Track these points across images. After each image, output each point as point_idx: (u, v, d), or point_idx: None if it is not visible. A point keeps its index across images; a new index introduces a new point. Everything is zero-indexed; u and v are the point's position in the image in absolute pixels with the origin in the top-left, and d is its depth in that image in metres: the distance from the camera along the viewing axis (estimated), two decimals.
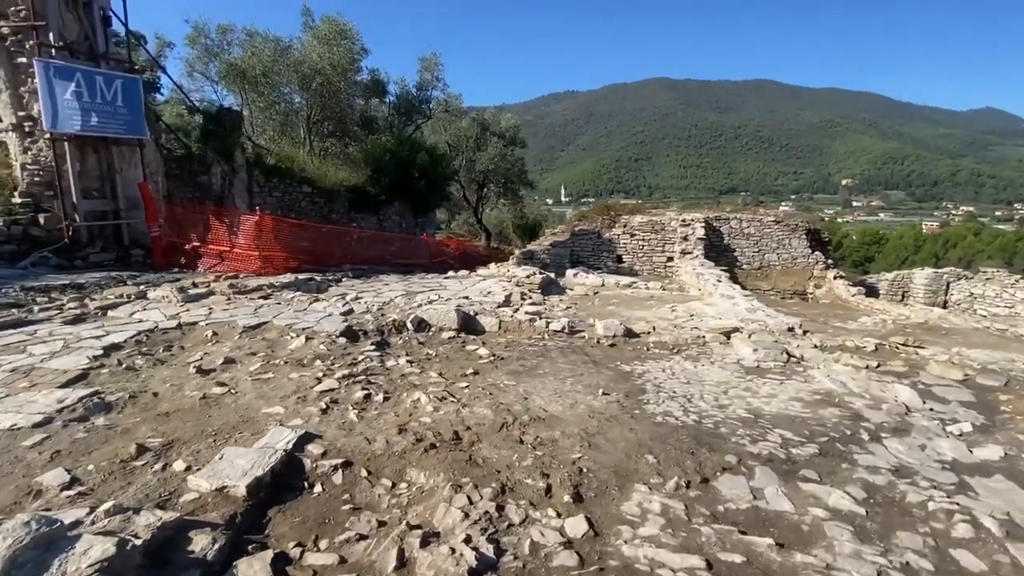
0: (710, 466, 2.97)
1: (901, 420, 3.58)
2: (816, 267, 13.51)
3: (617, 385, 4.20)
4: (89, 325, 4.90)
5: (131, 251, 8.77)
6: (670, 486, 2.74)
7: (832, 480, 2.82)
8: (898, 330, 8.25)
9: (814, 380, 4.36)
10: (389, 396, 3.70)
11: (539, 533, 2.34)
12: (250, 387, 3.73)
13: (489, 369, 4.53)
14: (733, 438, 3.28)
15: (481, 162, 26.77)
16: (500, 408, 3.58)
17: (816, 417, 3.63)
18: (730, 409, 3.74)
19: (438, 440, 3.06)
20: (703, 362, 4.89)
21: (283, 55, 14.34)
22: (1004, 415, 3.93)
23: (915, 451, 3.16)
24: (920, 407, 3.97)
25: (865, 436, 3.36)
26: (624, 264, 14.15)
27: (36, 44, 7.33)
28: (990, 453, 3.18)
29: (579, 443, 3.16)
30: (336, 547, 2.23)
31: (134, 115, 8.63)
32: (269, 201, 12.19)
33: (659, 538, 2.31)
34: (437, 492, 2.59)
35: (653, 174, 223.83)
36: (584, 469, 2.87)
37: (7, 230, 7.46)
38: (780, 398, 3.97)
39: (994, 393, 4.37)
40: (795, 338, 5.89)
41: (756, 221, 13.63)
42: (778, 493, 2.69)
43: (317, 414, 3.34)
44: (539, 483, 2.69)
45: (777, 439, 3.28)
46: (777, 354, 4.84)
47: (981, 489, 2.75)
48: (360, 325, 5.27)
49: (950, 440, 3.27)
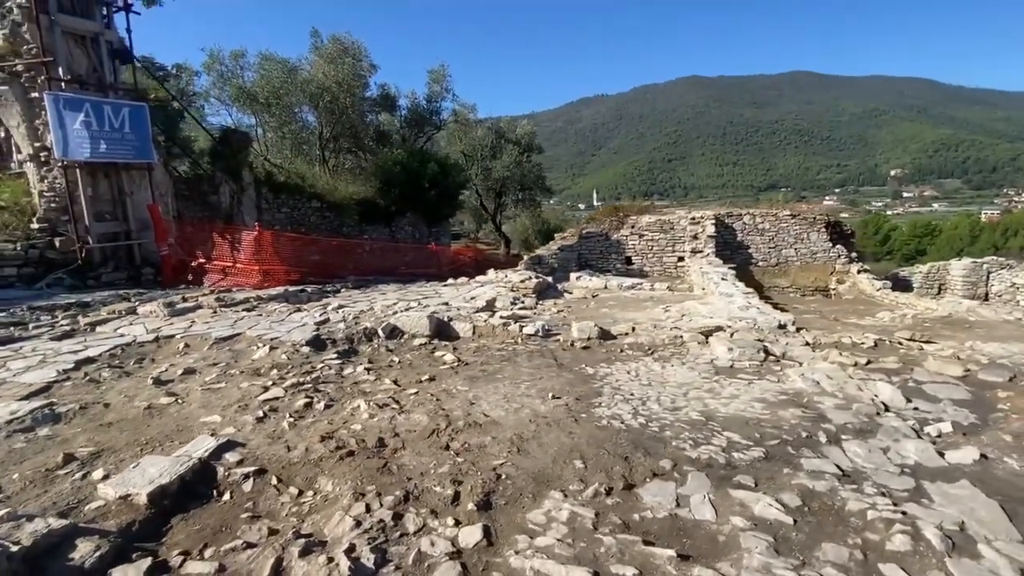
0: (640, 472, 2.80)
1: (869, 421, 3.29)
2: (838, 261, 12.80)
3: (573, 388, 4.04)
4: (73, 341, 5.12)
5: (142, 270, 9.20)
6: (589, 493, 2.59)
7: (768, 486, 2.60)
8: (916, 325, 7.69)
9: (787, 380, 4.08)
10: (331, 404, 3.68)
11: (430, 543, 2.24)
12: (198, 397, 3.78)
13: (448, 375, 4.46)
14: (675, 442, 3.09)
15: (497, 170, 26.90)
16: (438, 414, 3.50)
17: (774, 419, 3.38)
18: (683, 411, 3.53)
19: (360, 447, 3.00)
20: (674, 363, 4.66)
21: (291, 76, 14.90)
22: (998, 413, 3.57)
23: (875, 454, 2.88)
24: (902, 406, 3.65)
25: (823, 438, 3.09)
26: (633, 266, 13.83)
27: (46, 79, 7.85)
28: (964, 456, 2.87)
29: (508, 449, 3.04)
30: (220, 555, 2.20)
31: (142, 141, 9.09)
32: (278, 217, 12.59)
33: (553, 549, 2.17)
34: (339, 500, 2.53)
35: (688, 174, 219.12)
36: (503, 476, 2.76)
37: (24, 254, 7.96)
38: (742, 399, 3.72)
39: (994, 390, 3.97)
40: (785, 336, 5.56)
41: (771, 216, 13.06)
42: (704, 501, 2.50)
43: (252, 422, 3.35)
44: (447, 491, 2.59)
45: (722, 443, 3.07)
46: (753, 353, 4.56)
47: (938, 496, 2.48)
48: (330, 334, 5.30)
49: (919, 442, 2.97)
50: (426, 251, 15.91)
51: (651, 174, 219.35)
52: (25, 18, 7.72)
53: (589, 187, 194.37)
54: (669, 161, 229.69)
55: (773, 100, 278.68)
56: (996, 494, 2.52)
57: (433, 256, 15.56)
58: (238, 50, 14.77)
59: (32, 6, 7.61)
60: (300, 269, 10.11)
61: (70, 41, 8.14)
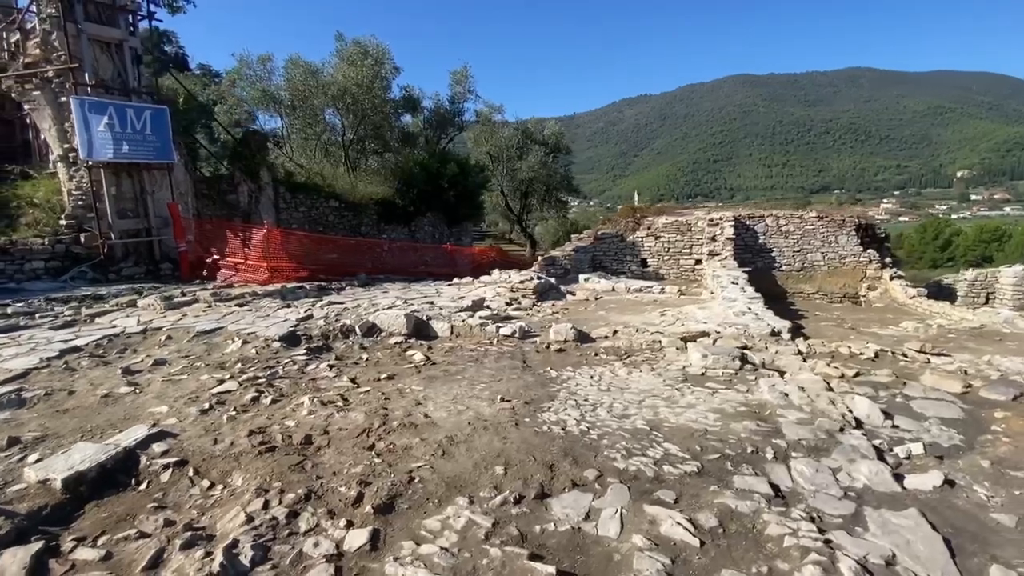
0: (561, 481, 2.66)
1: (827, 438, 3.01)
2: (869, 267, 12.01)
3: (527, 392, 3.92)
4: (69, 331, 5.40)
5: (161, 265, 9.65)
6: (497, 501, 2.48)
7: (688, 504, 2.42)
8: (939, 336, 7.12)
9: (757, 390, 3.81)
10: (279, 400, 3.70)
11: (314, 544, 2.19)
12: (157, 388, 3.89)
13: (409, 374, 4.42)
14: (609, 451, 2.93)
15: (522, 171, 26.83)
16: (378, 414, 3.45)
17: (723, 431, 3.15)
18: (631, 420, 3.35)
19: (284, 444, 3.00)
20: (643, 368, 4.45)
21: (313, 78, 15.33)
22: (988, 435, 3.21)
23: (822, 475, 2.63)
24: (878, 423, 3.34)
25: (769, 455, 2.86)
26: (649, 268, 13.44)
27: (73, 84, 8.36)
28: (924, 481, 2.59)
29: (433, 452, 2.96)
30: (111, 543, 2.22)
31: (162, 142, 9.54)
32: (296, 216, 12.96)
33: (433, 558, 2.08)
34: (242, 496, 2.52)
35: (734, 175, 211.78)
36: (416, 479, 2.68)
37: (52, 248, 8.50)
38: (698, 409, 3.50)
39: (993, 409, 3.59)
40: (777, 343, 5.23)
41: (795, 218, 12.39)
42: (614, 516, 2.35)
43: (195, 414, 3.40)
44: (352, 492, 2.54)
45: (659, 454, 2.88)
46: (729, 361, 4.30)
47: (876, 525, 2.23)
48: (306, 331, 5.37)
49: (875, 464, 2.70)
50: (442, 251, 16.01)
51: (695, 175, 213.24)
52: (54, 27, 8.26)
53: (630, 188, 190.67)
54: (714, 162, 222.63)
55: (827, 98, 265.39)
56: (947, 526, 2.25)
57: (449, 256, 15.64)
58: (265, 55, 15.45)
59: (60, 15, 8.13)
60: (309, 266, 10.35)
61: (96, 48, 8.65)
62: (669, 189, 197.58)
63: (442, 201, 17.13)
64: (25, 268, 8.18)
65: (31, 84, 8.56)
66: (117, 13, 8.85)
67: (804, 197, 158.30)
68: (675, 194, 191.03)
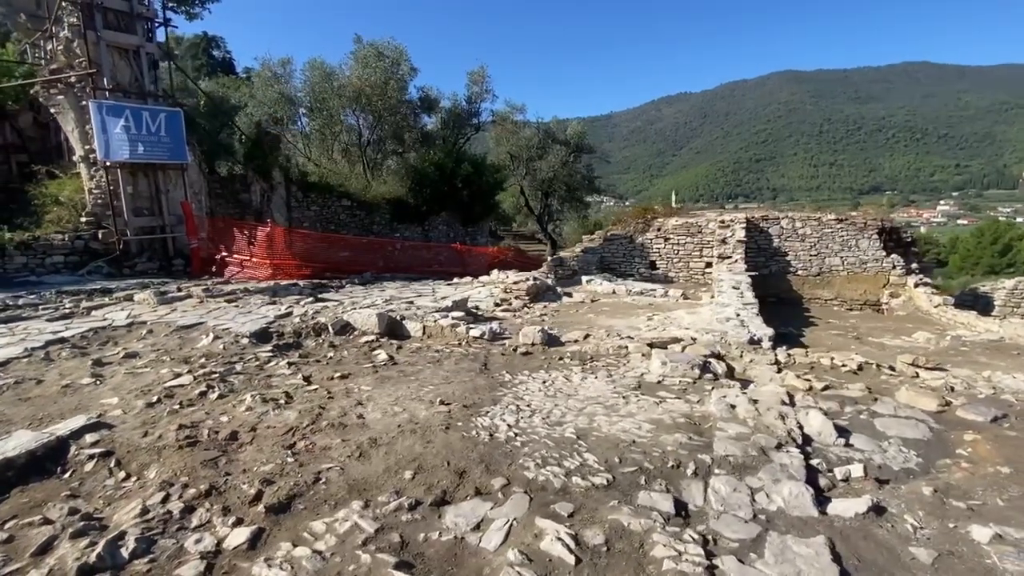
0: (466, 489, 2.61)
1: (758, 456, 2.84)
2: (893, 272, 11.33)
3: (473, 396, 3.87)
4: (63, 322, 5.69)
5: (173, 261, 10.08)
6: (392, 506, 2.45)
7: (581, 518, 2.33)
8: (949, 348, 6.67)
9: (707, 401, 3.65)
10: (225, 395, 3.78)
11: (196, 540, 2.22)
12: (118, 380, 4.04)
13: (365, 374, 4.44)
14: (526, 459, 2.86)
15: (542, 170, 26.67)
16: (312, 413, 3.48)
17: (652, 443, 3.02)
18: (563, 428, 3.26)
19: (208, 439, 3.05)
20: (599, 375, 4.33)
21: (329, 80, 15.69)
22: (948, 459, 2.97)
23: (739, 495, 2.49)
24: (829, 442, 3.14)
25: (690, 470, 2.72)
26: (658, 271, 13.12)
27: (92, 88, 8.83)
28: (849, 507, 2.41)
29: (351, 453, 2.96)
30: (16, 528, 2.32)
31: (176, 143, 9.96)
32: (307, 215, 13.30)
33: (302, 561, 2.07)
34: (148, 488, 2.59)
35: (777, 175, 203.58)
36: (323, 480, 2.68)
37: (72, 244, 9.01)
38: (636, 418, 3.38)
39: (964, 430, 3.32)
40: (754, 352, 5.00)
41: (812, 220, 11.82)
42: (503, 527, 2.28)
43: (141, 407, 3.52)
44: (252, 489, 2.56)
45: (574, 464, 2.79)
46: (687, 370, 4.13)
47: (773, 553, 2.09)
48: (280, 328, 5.48)
49: (798, 485, 2.52)
50: (452, 251, 16.09)
51: (736, 175, 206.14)
52: (75, 35, 8.75)
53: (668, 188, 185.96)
54: (756, 161, 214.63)
55: (880, 94, 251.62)
56: (854, 558, 2.09)
57: (458, 256, 15.71)
58: (285, 57, 15.93)
59: (81, 24, 8.60)
60: (313, 264, 10.59)
61: (114, 54, 9.10)
62: (708, 189, 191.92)
63: (456, 201, 17.22)
64: (46, 262, 8.69)
65: (56, 89, 9.10)
66: (135, 20, 9.29)
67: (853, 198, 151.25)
68: (715, 194, 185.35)
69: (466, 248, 15.82)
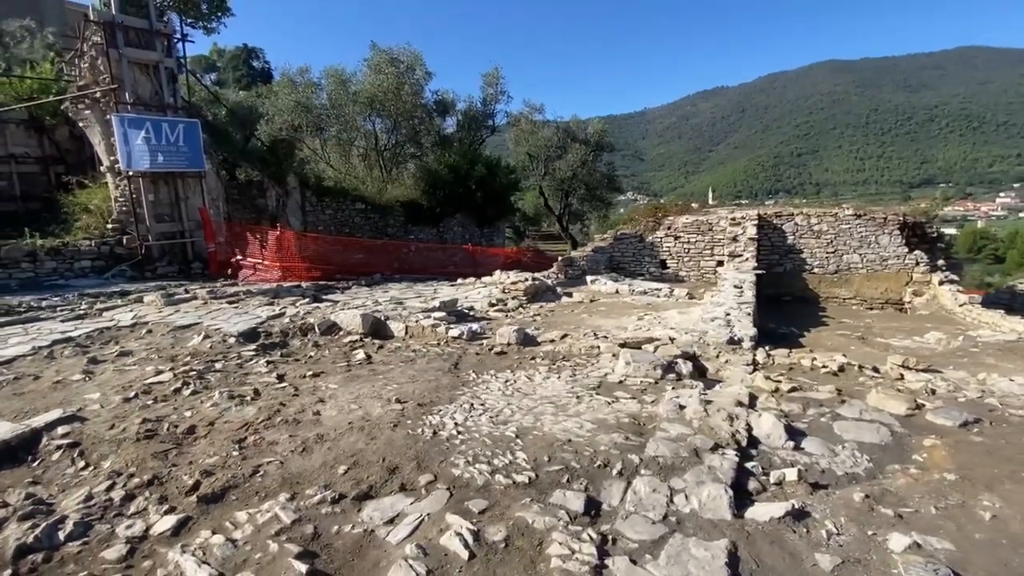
0: (393, 484, 2.69)
1: (690, 457, 2.80)
2: (916, 270, 10.76)
3: (433, 394, 3.95)
4: (74, 323, 6.08)
5: (192, 264, 10.59)
6: (315, 500, 2.55)
7: (490, 515, 2.37)
8: (958, 349, 6.34)
9: (660, 402, 3.60)
10: (198, 392, 3.98)
11: (128, 526, 2.38)
12: (106, 377, 4.32)
13: (337, 372, 4.59)
14: (459, 457, 2.91)
15: (561, 170, 26.57)
16: (271, 409, 3.63)
17: (589, 442, 3.02)
18: (506, 426, 3.30)
19: (167, 433, 3.24)
20: (563, 375, 4.33)
21: (343, 87, 16.13)
22: (899, 465, 2.86)
23: (657, 495, 2.47)
24: (777, 444, 3.07)
25: (616, 470, 2.72)
26: (668, 270, 12.88)
27: (115, 103, 9.39)
28: (769, 511, 2.35)
29: (295, 448, 3.08)
30: None
31: (194, 152, 10.47)
32: (322, 218, 13.71)
33: (213, 549, 2.20)
34: (98, 476, 2.77)
35: (821, 169, 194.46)
36: (261, 472, 2.81)
37: (98, 249, 9.60)
38: (582, 418, 3.37)
39: (927, 436, 3.17)
40: (732, 353, 4.89)
41: (829, 216, 11.35)
42: (414, 522, 2.36)
43: (118, 402, 3.75)
44: (191, 480, 2.71)
45: (503, 462, 2.83)
46: (650, 370, 4.08)
47: (669, 555, 2.07)
48: (269, 328, 5.71)
49: (718, 487, 2.48)
50: (464, 252, 16.25)
51: (776, 170, 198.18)
52: (99, 52, 9.33)
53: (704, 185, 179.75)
54: (798, 155, 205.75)
55: (933, 81, 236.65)
56: (753, 562, 2.05)
57: (470, 257, 15.85)
58: (304, 66, 16.48)
59: (104, 42, 9.17)
60: (323, 266, 10.92)
61: (135, 69, 9.66)
62: (747, 185, 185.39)
63: (470, 202, 17.39)
64: (74, 267, 9.30)
65: (83, 104, 9.72)
66: (154, 37, 9.83)
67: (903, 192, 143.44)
68: (754, 190, 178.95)
69: (478, 249, 15.96)
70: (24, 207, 11.92)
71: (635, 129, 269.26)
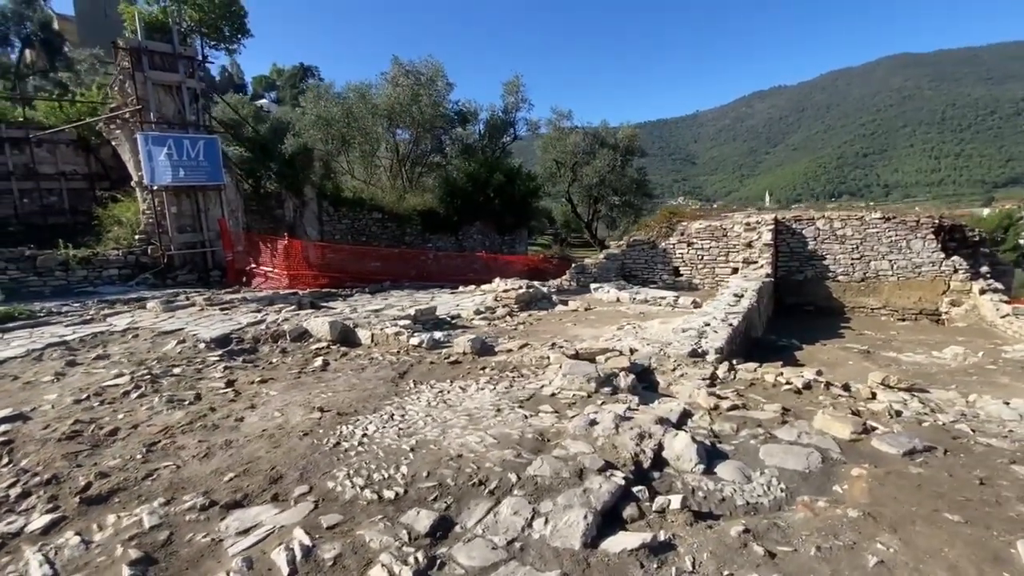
0: (267, 494, 2.69)
1: (570, 478, 2.63)
2: (954, 277, 9.81)
3: (360, 403, 3.95)
4: (76, 327, 6.54)
5: (211, 272, 11.20)
6: (188, 505, 2.59)
7: (338, 530, 2.32)
8: (971, 367, 5.74)
9: (578, 417, 3.43)
10: (145, 395, 4.16)
11: (10, 521, 2.50)
12: (74, 379, 4.59)
13: (286, 379, 4.68)
14: (343, 469, 2.88)
15: (588, 176, 26.25)
16: (199, 414, 3.74)
17: (477, 458, 2.91)
18: (409, 439, 3.23)
19: (89, 435, 3.39)
20: (500, 386, 4.22)
21: (363, 99, 16.66)
22: (810, 498, 2.58)
23: (515, 518, 2.33)
24: (685, 468, 2.86)
25: (490, 488, 2.60)
26: (682, 277, 12.40)
27: (139, 122, 10.12)
28: (628, 541, 2.18)
29: (198, 453, 3.15)
30: None
31: (213, 167, 11.10)
32: (339, 228, 14.17)
33: (64, 549, 2.25)
34: (10, 474, 2.94)
35: (890, 170, 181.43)
36: (153, 476, 2.89)
37: (124, 259, 10.34)
38: (488, 432, 3.26)
39: (860, 464, 2.86)
40: (693, 366, 4.61)
41: (854, 220, 10.55)
42: (263, 534, 2.34)
43: (69, 403, 3.97)
44: (84, 481, 2.81)
45: (382, 476, 2.77)
46: (583, 383, 3.90)
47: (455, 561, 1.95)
48: (242, 334, 5.92)
49: (579, 513, 2.31)
50: (479, 259, 16.32)
51: (840, 171, 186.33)
52: (126, 76, 10.10)
53: (760, 189, 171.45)
54: (864, 156, 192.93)
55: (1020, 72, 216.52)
56: None
57: (485, 264, 15.90)
58: (328, 82, 17.19)
59: (131, 66, 9.92)
60: (332, 274, 11.26)
61: (159, 90, 10.38)
62: (808, 188, 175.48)
63: (488, 210, 17.47)
64: (103, 275, 10.04)
65: (114, 124, 10.55)
66: (177, 60, 10.54)
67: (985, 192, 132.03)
68: (815, 193, 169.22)
69: (493, 256, 15.98)
70: (72, 220, 13.04)
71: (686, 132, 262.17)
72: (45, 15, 26.51)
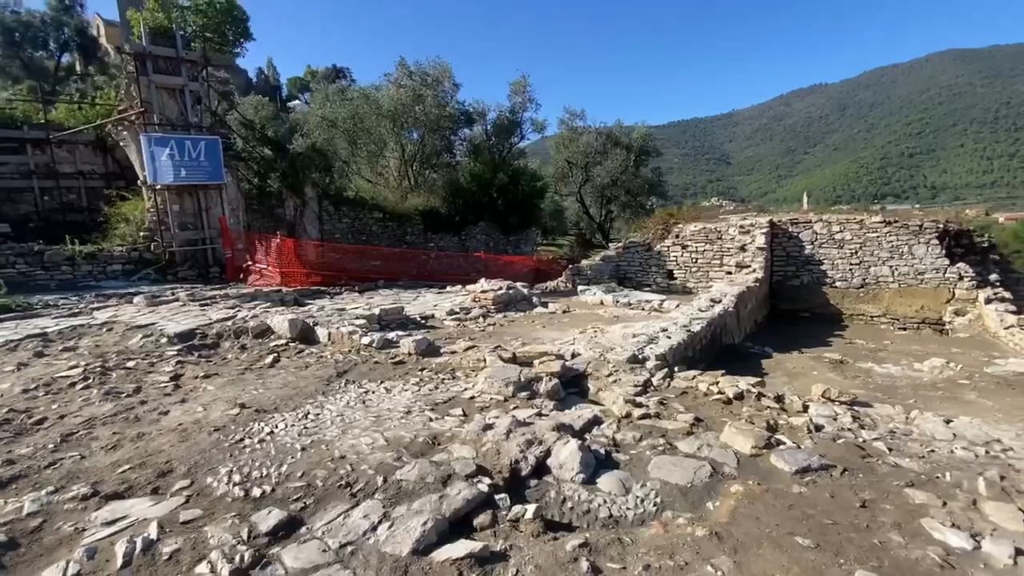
0: (149, 487, 2.78)
1: (434, 483, 2.63)
2: (960, 285, 9.30)
3: (283, 402, 4.03)
4: (61, 319, 6.87)
5: (211, 269, 11.59)
6: (72, 495, 2.70)
7: (190, 525, 2.39)
8: (941, 381, 5.48)
9: (481, 419, 3.41)
10: (90, 386, 4.35)
11: None
12: (35, 369, 4.83)
13: (229, 375, 4.81)
14: (230, 465, 2.96)
15: (600, 176, 25.98)
16: (129, 408, 3.88)
17: (358, 460, 2.93)
18: (307, 439, 3.29)
19: (19, 423, 3.57)
20: (424, 388, 4.24)
21: (367, 101, 16.93)
22: (673, 513, 2.52)
23: (364, 521, 2.36)
24: (566, 477, 2.84)
25: (355, 490, 2.63)
26: (676, 281, 12.15)
27: (143, 124, 10.56)
28: (458, 550, 2.18)
29: (108, 444, 3.29)
30: None
31: (214, 167, 11.48)
32: (339, 227, 14.45)
33: None
34: None
35: (937, 171, 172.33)
36: (58, 465, 3.02)
37: (128, 255, 10.81)
38: (383, 434, 3.28)
39: (744, 481, 2.77)
40: (631, 372, 4.53)
41: (853, 223, 10.12)
42: (124, 525, 2.43)
43: (17, 392, 4.19)
44: None
45: (260, 474, 2.83)
46: (502, 387, 3.88)
47: None
48: (206, 329, 6.11)
49: (419, 519, 2.32)
50: (479, 260, 16.37)
51: (883, 172, 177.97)
52: (131, 79, 10.55)
53: (798, 190, 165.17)
54: (910, 156, 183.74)
55: None
56: None
57: (484, 264, 15.94)
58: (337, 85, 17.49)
59: (136, 70, 10.36)
60: (325, 272, 11.50)
61: (163, 93, 10.81)
62: (848, 189, 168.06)
63: (492, 210, 17.51)
64: (107, 270, 10.53)
65: (122, 126, 11.04)
66: (180, 64, 10.95)
67: None
68: (856, 195, 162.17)
69: (491, 257, 16.00)
70: (90, 217, 13.70)
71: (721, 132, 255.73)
72: (81, 20, 27.91)
